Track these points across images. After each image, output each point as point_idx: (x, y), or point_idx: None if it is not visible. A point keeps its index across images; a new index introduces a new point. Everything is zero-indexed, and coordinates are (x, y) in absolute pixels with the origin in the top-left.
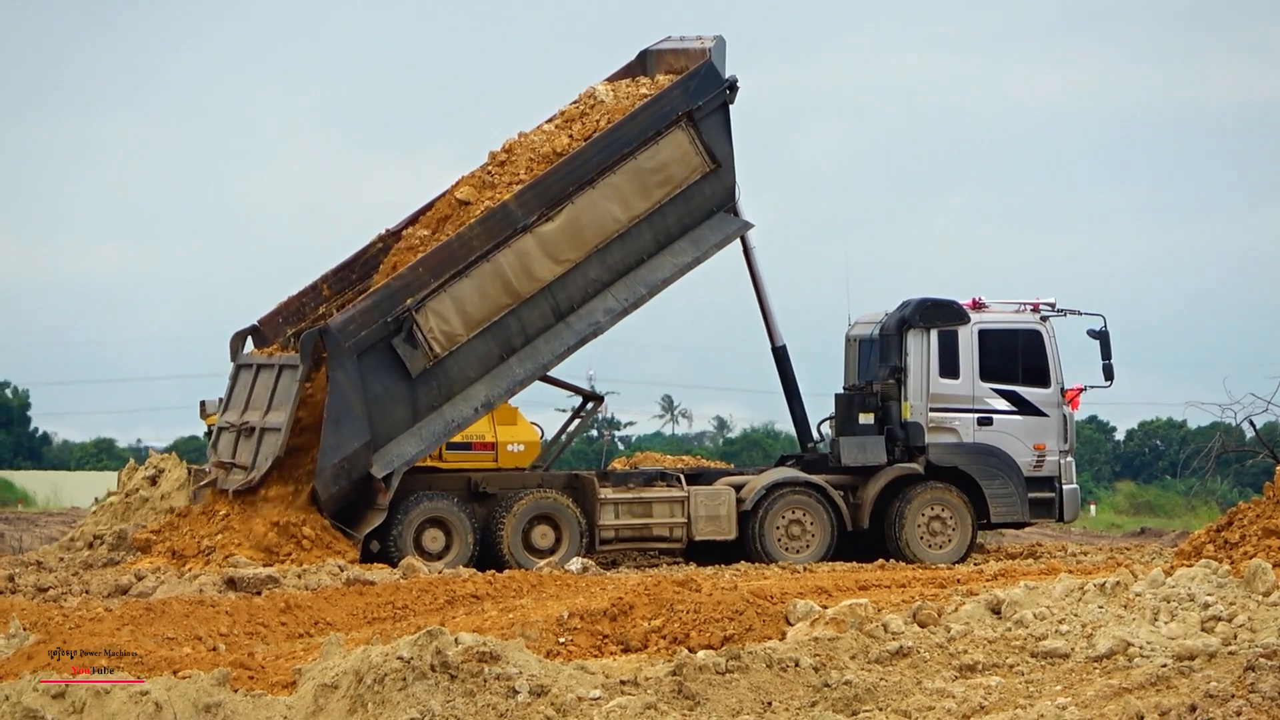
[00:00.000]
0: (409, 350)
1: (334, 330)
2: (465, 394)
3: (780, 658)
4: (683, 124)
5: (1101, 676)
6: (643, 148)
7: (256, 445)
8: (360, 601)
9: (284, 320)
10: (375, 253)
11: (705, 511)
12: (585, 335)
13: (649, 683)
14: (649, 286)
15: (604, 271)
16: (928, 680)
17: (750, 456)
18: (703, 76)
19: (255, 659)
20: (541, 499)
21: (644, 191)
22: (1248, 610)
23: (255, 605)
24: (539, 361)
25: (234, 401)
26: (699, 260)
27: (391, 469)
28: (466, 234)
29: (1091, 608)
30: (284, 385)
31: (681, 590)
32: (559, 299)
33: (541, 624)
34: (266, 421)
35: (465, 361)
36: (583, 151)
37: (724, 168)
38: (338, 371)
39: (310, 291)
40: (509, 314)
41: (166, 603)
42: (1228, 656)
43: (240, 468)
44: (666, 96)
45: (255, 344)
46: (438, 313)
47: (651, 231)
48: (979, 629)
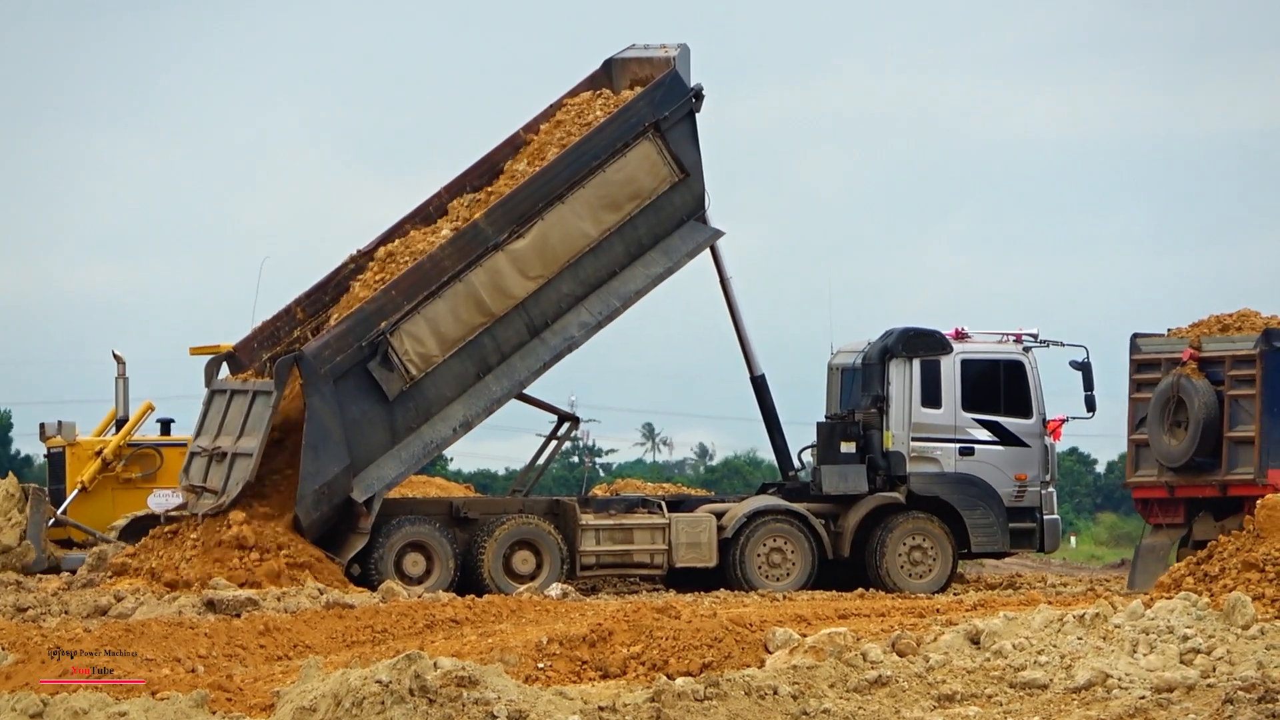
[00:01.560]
0: (385, 373)
1: (309, 357)
2: (443, 414)
3: (759, 686)
4: (650, 135)
5: (1080, 708)
6: (610, 160)
7: (228, 470)
8: (339, 625)
9: (259, 345)
10: (347, 273)
11: (686, 539)
12: (561, 350)
13: (627, 709)
14: (622, 299)
15: (577, 286)
16: (906, 710)
17: (731, 484)
18: (668, 86)
19: (234, 681)
20: (523, 524)
21: (613, 204)
22: (1226, 643)
23: (234, 627)
24: (516, 379)
25: (207, 427)
26: (671, 270)
27: (372, 492)
28: (438, 254)
29: (1070, 639)
30: (257, 411)
31: (661, 617)
32: (533, 315)
33: (521, 649)
34: (238, 447)
35: (442, 382)
36: (550, 167)
37: (693, 176)
38: (314, 398)
39: (284, 315)
40: (483, 333)
41: (145, 624)
42: (1206, 689)
43: (211, 492)
44: (632, 108)
45: (231, 370)
46: (412, 335)
47: (623, 243)
48: (958, 659)
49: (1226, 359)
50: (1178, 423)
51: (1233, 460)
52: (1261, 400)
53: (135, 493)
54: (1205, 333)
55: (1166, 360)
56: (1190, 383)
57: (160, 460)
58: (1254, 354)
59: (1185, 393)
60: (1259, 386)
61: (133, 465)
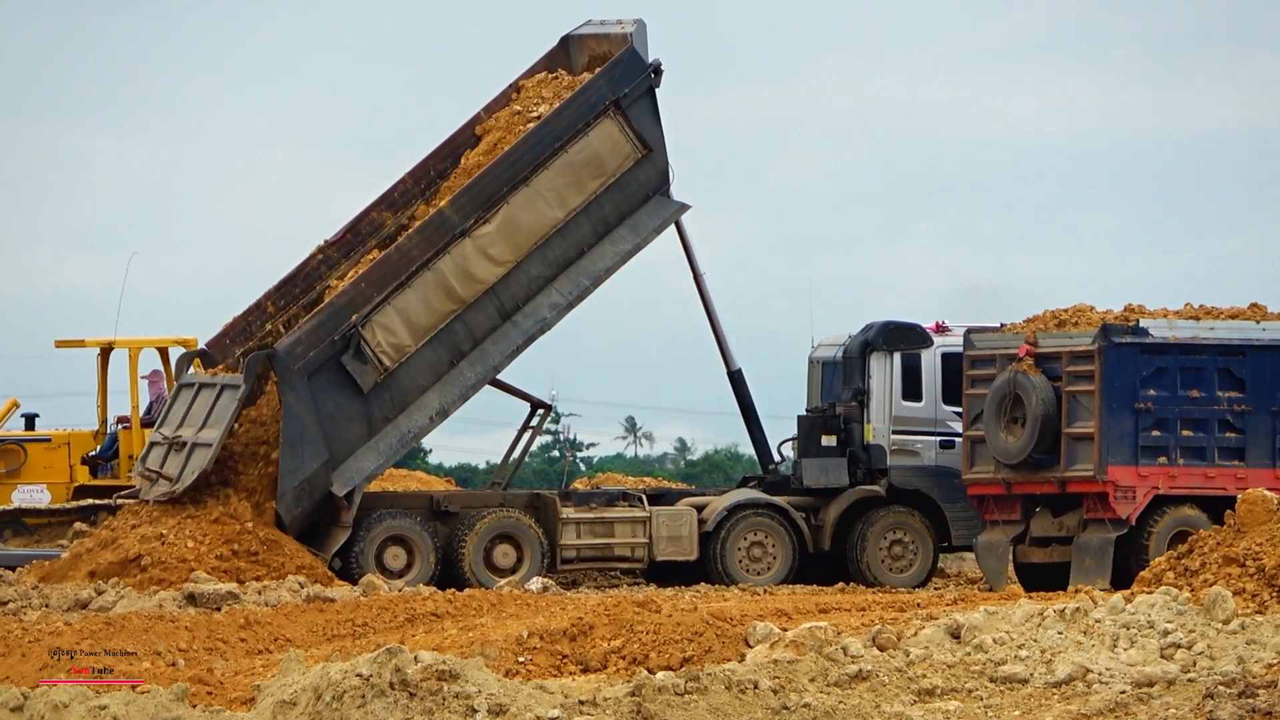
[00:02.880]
0: (359, 366)
1: (282, 354)
2: (419, 403)
3: (739, 680)
4: (610, 113)
5: (1060, 702)
6: (573, 140)
7: (185, 459)
8: (320, 618)
9: (231, 341)
10: (316, 264)
11: (667, 532)
12: (533, 332)
13: (608, 703)
14: (592, 277)
15: (546, 267)
16: (886, 704)
17: (712, 478)
18: (626, 63)
19: (214, 675)
20: (503, 518)
21: (578, 184)
22: (1207, 638)
23: (215, 621)
24: (489, 363)
25: (171, 418)
26: (640, 247)
27: (352, 485)
28: (405, 244)
29: (1051, 633)
30: (223, 404)
31: (641, 611)
32: (503, 299)
33: (501, 643)
34: (199, 437)
35: (416, 371)
36: (513, 150)
37: (656, 152)
38: (289, 395)
39: (255, 310)
40: (455, 319)
41: (126, 617)
42: (1187, 684)
43: (165, 478)
44: (592, 87)
45: (205, 365)
46: (384, 326)
47: (590, 223)
48: (938, 653)
49: (1064, 355)
50: (1014, 419)
51: (1071, 457)
52: (1100, 396)
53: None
54: (1041, 328)
55: (1002, 356)
56: (1027, 379)
57: (24, 456)
58: (1092, 350)
59: (1022, 389)
60: (1098, 383)
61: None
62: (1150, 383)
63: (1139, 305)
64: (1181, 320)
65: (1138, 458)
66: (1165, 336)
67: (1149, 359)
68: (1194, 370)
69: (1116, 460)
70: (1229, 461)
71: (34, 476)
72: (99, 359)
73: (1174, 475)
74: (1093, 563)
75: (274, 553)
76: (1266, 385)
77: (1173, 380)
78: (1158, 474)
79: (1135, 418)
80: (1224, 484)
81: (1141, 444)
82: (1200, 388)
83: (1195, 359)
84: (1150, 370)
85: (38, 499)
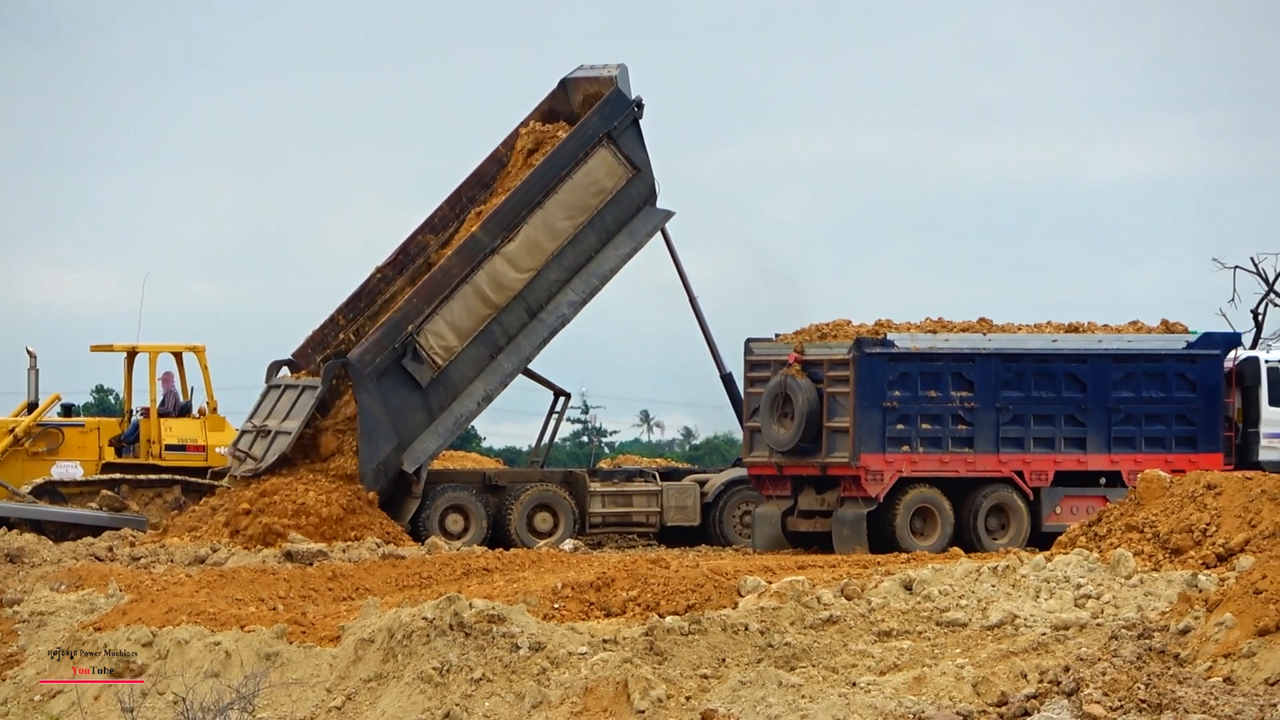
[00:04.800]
0: (417, 367)
1: (354, 362)
2: (468, 392)
3: (733, 623)
4: (604, 143)
5: (993, 642)
6: (575, 168)
7: (269, 444)
8: (393, 572)
9: (312, 350)
10: (376, 282)
11: (675, 503)
12: (556, 326)
13: (626, 641)
14: (600, 277)
15: (562, 272)
16: (852, 643)
17: (712, 459)
18: (613, 102)
19: (307, 617)
20: (543, 491)
21: (582, 202)
22: (1112, 590)
23: (308, 574)
24: (522, 355)
25: (260, 411)
26: (636, 249)
27: (419, 463)
28: (446, 265)
29: (986, 586)
30: (302, 401)
31: (654, 567)
32: (530, 301)
33: (540, 593)
34: (281, 427)
35: (464, 366)
36: (528, 180)
37: (643, 171)
38: (363, 395)
39: (329, 324)
40: (492, 321)
41: (236, 571)
42: (1096, 627)
43: (251, 458)
44: (587, 124)
45: (291, 371)
46: (435, 332)
47: (594, 233)
48: (894, 602)
49: (825, 361)
50: (785, 414)
51: (830, 446)
52: (855, 396)
53: (40, 463)
54: (807, 339)
55: (775, 361)
56: (795, 381)
57: (62, 438)
58: (848, 358)
59: (791, 390)
60: (852, 385)
61: (39, 442)
62: (896, 385)
63: (888, 320)
64: (922, 334)
65: (885, 447)
66: (908, 347)
67: (895, 365)
68: (932, 375)
69: (867, 449)
70: (961, 449)
71: (69, 455)
72: (125, 361)
73: (915, 461)
74: (849, 532)
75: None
76: (992, 386)
77: (914, 383)
78: (902, 460)
79: (883, 414)
80: (956, 468)
81: (888, 435)
82: (937, 389)
83: (933, 365)
84: (896, 375)
85: (72, 473)
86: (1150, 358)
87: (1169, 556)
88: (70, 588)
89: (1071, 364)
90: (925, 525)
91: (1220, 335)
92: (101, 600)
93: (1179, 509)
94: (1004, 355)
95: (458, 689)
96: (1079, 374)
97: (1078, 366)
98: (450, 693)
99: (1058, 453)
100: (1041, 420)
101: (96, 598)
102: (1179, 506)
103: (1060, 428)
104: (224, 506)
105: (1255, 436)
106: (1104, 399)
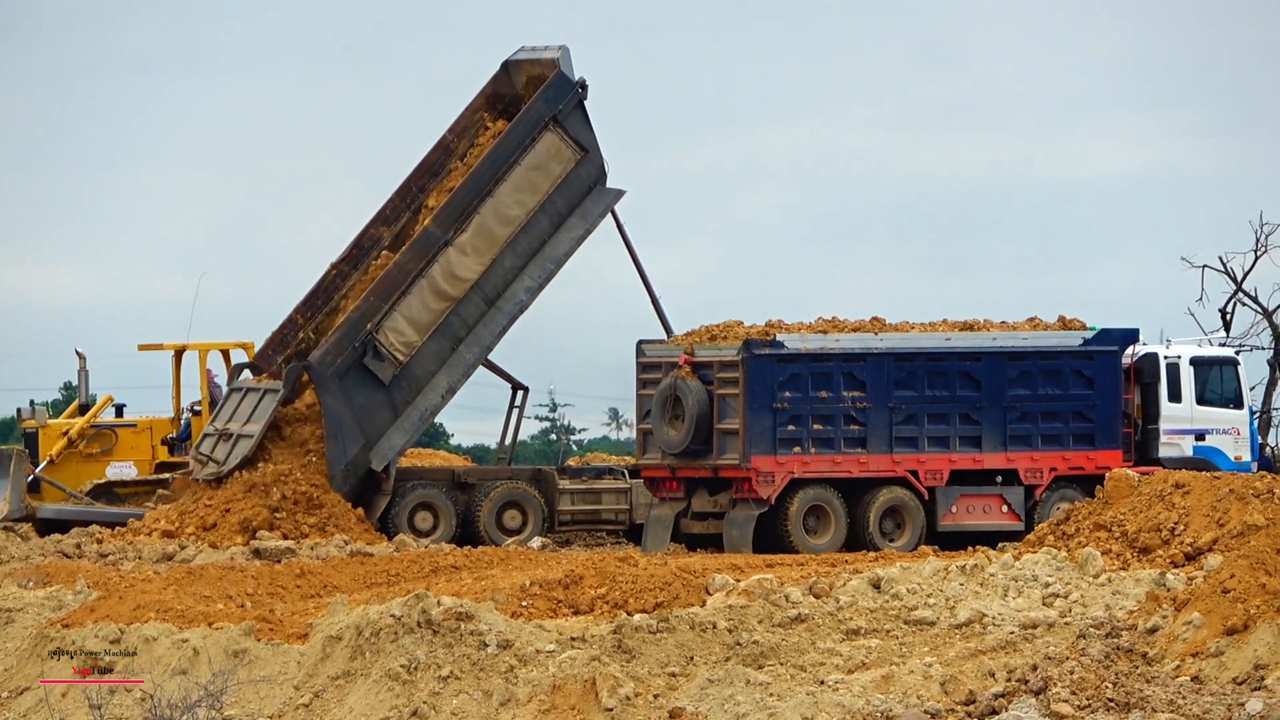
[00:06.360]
0: (378, 364)
1: (315, 364)
2: (431, 385)
3: (701, 621)
4: (550, 126)
5: (961, 641)
6: (523, 154)
7: (231, 447)
8: (361, 569)
9: (273, 351)
10: (332, 279)
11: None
12: (514, 313)
13: (594, 639)
14: (555, 261)
15: (517, 259)
16: (820, 641)
17: None
18: (556, 85)
19: (275, 615)
20: (512, 488)
21: (532, 187)
22: (1080, 589)
23: (276, 571)
24: (482, 344)
25: (222, 415)
26: (590, 230)
27: (387, 460)
28: (401, 260)
29: (954, 585)
30: (264, 405)
31: (622, 565)
32: (486, 290)
33: (508, 590)
34: (243, 430)
35: (425, 360)
36: (477, 170)
37: (591, 152)
38: (326, 396)
39: (288, 324)
40: (450, 313)
41: (204, 568)
42: (1064, 626)
43: (214, 461)
44: (532, 108)
45: (252, 373)
46: (394, 329)
47: (546, 217)
48: (862, 600)
49: (715, 363)
50: (676, 416)
51: (721, 448)
52: (744, 398)
53: (95, 464)
54: (697, 341)
55: (666, 363)
56: (685, 383)
57: (116, 439)
58: (738, 360)
59: (681, 392)
60: (742, 387)
61: (94, 443)
62: (786, 386)
63: (779, 320)
64: (812, 334)
65: (776, 448)
66: (798, 348)
67: (784, 366)
68: (823, 375)
69: (758, 450)
70: (853, 449)
71: (123, 455)
72: (173, 359)
73: (807, 462)
74: (739, 534)
75: (328, 510)
76: (884, 386)
77: (805, 383)
78: (793, 461)
79: (774, 415)
80: (849, 468)
81: (779, 437)
82: (829, 389)
83: (824, 365)
84: (786, 376)
85: (126, 473)
86: (1046, 355)
87: (1137, 555)
88: (38, 584)
89: (965, 362)
90: (819, 526)
91: (1118, 331)
92: (69, 597)
93: (1147, 508)
94: (896, 354)
95: (425, 687)
96: (973, 372)
97: (972, 365)
98: (418, 690)
99: (953, 451)
100: (936, 419)
101: (64, 594)
102: (1147, 505)
103: (955, 426)
104: (194, 511)
105: (1155, 433)
106: (999, 397)
